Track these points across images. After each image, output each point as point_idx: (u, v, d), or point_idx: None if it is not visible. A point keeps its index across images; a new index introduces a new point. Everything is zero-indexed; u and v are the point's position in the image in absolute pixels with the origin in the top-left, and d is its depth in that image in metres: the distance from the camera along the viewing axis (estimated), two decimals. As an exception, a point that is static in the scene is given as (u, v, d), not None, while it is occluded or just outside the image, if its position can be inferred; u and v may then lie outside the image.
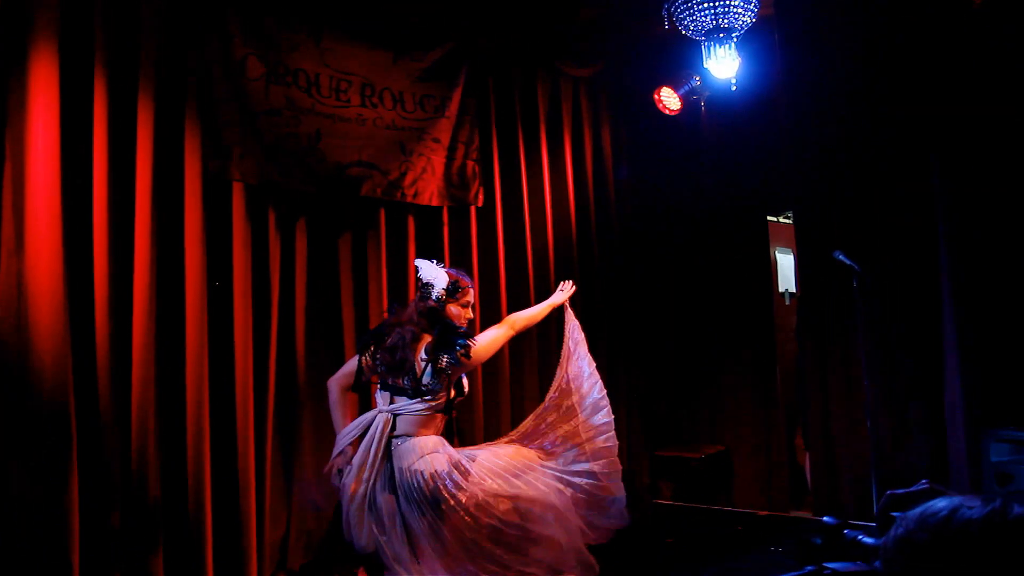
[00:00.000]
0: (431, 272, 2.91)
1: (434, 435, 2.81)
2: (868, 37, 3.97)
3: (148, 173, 3.16)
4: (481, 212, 4.29)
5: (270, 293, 3.53)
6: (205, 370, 3.25)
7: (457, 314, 2.92)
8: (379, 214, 3.89)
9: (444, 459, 2.75)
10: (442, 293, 2.87)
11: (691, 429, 4.93)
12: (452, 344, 2.80)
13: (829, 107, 4.14)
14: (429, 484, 2.68)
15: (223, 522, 3.27)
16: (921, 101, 3.78)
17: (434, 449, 2.76)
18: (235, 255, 3.40)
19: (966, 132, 3.63)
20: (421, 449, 2.75)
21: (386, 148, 3.86)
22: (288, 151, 3.56)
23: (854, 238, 3.94)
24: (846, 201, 4.09)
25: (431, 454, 2.74)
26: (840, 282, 3.89)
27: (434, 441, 2.79)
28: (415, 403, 2.79)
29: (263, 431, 3.45)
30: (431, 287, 2.88)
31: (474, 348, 2.84)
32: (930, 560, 0.92)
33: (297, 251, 3.65)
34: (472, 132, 4.20)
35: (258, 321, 3.47)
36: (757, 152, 4.56)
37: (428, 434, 2.79)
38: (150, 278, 3.13)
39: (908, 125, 3.86)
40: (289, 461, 3.59)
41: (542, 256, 4.55)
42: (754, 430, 4.61)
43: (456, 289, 2.91)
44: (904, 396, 3.85)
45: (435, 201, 4.05)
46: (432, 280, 2.89)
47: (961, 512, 0.93)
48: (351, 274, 3.82)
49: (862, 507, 3.66)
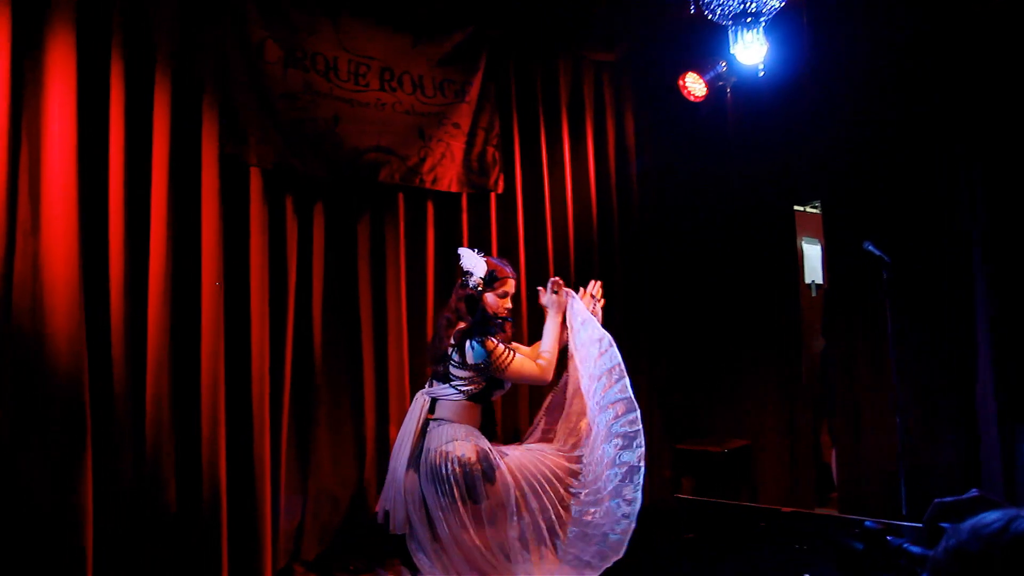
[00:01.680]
0: (471, 261, 2.95)
1: (469, 424, 2.85)
2: (900, 22, 3.89)
3: (165, 157, 3.13)
4: (501, 200, 4.26)
5: (287, 279, 3.51)
6: (221, 356, 3.23)
7: (494, 304, 2.94)
8: (397, 200, 3.86)
9: (470, 448, 2.77)
10: (479, 283, 2.91)
11: (714, 423, 4.84)
12: (476, 332, 2.84)
13: (859, 93, 4.08)
14: (449, 468, 2.72)
15: (238, 511, 3.26)
16: (955, 89, 3.69)
17: (463, 437, 2.79)
18: (252, 240, 3.37)
19: (1003, 121, 3.54)
20: (450, 434, 2.80)
21: (405, 133, 3.82)
22: (305, 135, 3.53)
23: (884, 228, 3.90)
24: (876, 190, 4.03)
25: (458, 440, 2.78)
26: (869, 273, 3.87)
27: (465, 429, 2.82)
28: (445, 388, 2.87)
29: (279, 419, 3.43)
30: (470, 276, 2.93)
31: (495, 345, 2.82)
32: (983, 572, 0.90)
33: (314, 237, 3.62)
34: (492, 118, 4.16)
35: (275, 307, 3.46)
36: (784, 140, 4.47)
37: (463, 422, 2.85)
38: (166, 263, 3.10)
39: (941, 113, 3.78)
40: (305, 450, 3.58)
41: (562, 245, 4.51)
42: (779, 424, 4.52)
43: (493, 279, 2.94)
44: (934, 390, 3.80)
45: (454, 187, 4.01)
46: (471, 269, 2.94)
47: (1016, 523, 0.90)
48: (369, 260, 3.79)
49: (890, 505, 3.59)
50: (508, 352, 2.85)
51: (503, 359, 2.83)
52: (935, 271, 3.81)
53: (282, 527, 3.41)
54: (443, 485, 2.72)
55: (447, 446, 2.77)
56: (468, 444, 2.78)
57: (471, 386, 2.85)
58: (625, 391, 2.76)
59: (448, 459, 2.74)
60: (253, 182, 3.40)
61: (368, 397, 3.72)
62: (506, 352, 2.85)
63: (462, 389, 2.85)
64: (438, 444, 2.79)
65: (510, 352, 2.86)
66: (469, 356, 2.83)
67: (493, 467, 2.76)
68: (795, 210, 4.74)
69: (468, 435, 2.81)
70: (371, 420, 3.72)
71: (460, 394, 2.85)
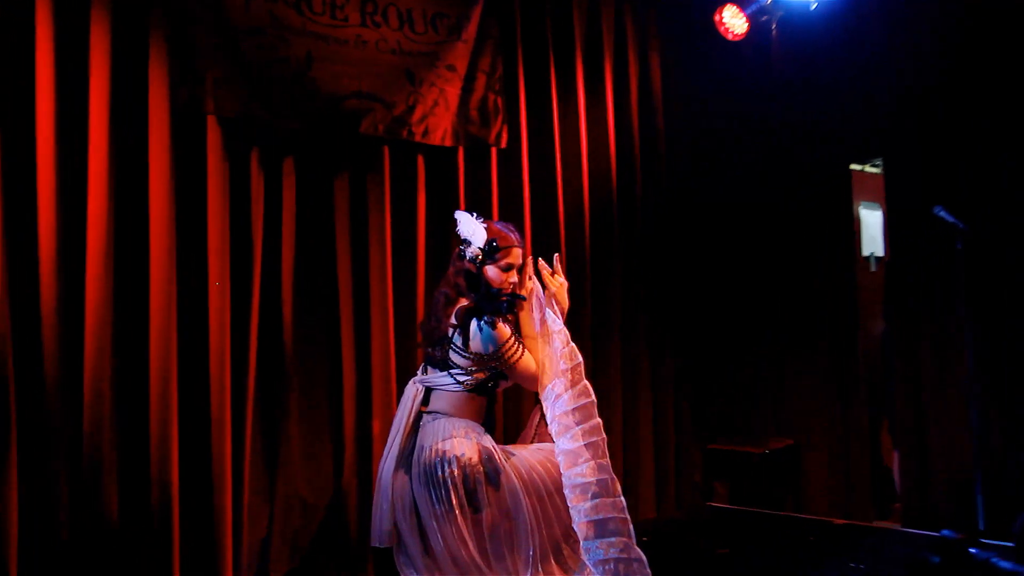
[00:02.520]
0: (469, 227, 2.90)
1: (469, 419, 2.82)
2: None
3: (104, 106, 3.06)
4: (504, 155, 4.17)
5: (252, 248, 3.44)
6: (173, 339, 3.18)
7: (496, 278, 2.89)
8: (382, 155, 3.77)
9: (471, 446, 2.73)
10: (477, 253, 2.87)
11: (752, 419, 4.85)
12: (484, 312, 2.79)
13: (932, 29, 3.99)
14: (446, 469, 2.68)
15: (192, 522, 3.22)
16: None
17: (463, 433, 2.76)
18: (210, 203, 3.31)
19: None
20: (447, 430, 2.77)
21: (390, 76, 3.74)
22: (273, 79, 3.45)
23: (958, 191, 3.85)
24: (949, 147, 3.97)
25: (457, 437, 2.74)
26: (940, 244, 3.83)
27: (465, 425, 2.79)
28: (442, 376, 2.84)
29: (242, 413, 3.38)
30: (468, 245, 2.90)
31: (507, 334, 2.77)
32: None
33: (284, 199, 3.56)
34: (494, 59, 4.08)
35: (237, 282, 3.41)
36: (840, 86, 4.44)
37: (462, 416, 2.82)
38: (107, 232, 3.05)
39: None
40: (273, 449, 3.51)
41: (576, 210, 4.43)
42: (830, 422, 4.51)
43: (495, 249, 2.88)
44: (1017, 383, 3.75)
45: (448, 141, 3.94)
46: (469, 237, 2.90)
47: None
48: (348, 227, 3.72)
49: (963, 517, 3.54)
50: (518, 346, 2.81)
51: (512, 352, 2.79)
52: (1020, 242, 3.76)
53: (245, 540, 3.37)
54: (438, 490, 2.68)
55: (444, 444, 2.73)
56: (469, 442, 2.74)
57: (473, 376, 2.81)
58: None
59: (445, 459, 2.70)
60: (211, 134, 3.33)
61: (347, 386, 3.67)
62: (516, 345, 2.80)
63: (461, 379, 2.82)
64: (433, 441, 2.75)
65: (519, 346, 2.82)
66: (475, 341, 2.79)
67: (498, 469, 2.72)
68: (852, 169, 4.68)
69: (469, 431, 2.77)
70: (351, 413, 3.66)
71: (459, 384, 2.82)
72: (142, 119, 3.17)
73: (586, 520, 2.69)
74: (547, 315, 2.85)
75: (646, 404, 4.59)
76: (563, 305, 2.93)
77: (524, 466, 2.77)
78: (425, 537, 2.72)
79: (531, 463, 2.79)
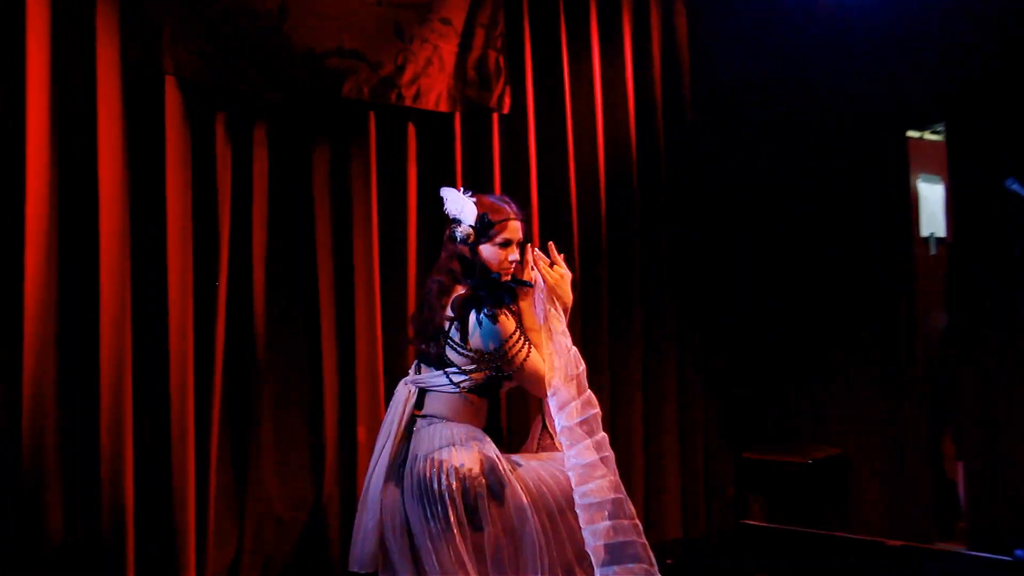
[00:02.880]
0: (457, 203, 2.87)
1: (469, 424, 2.80)
2: None
3: (43, 64, 2.99)
4: (507, 123, 4.10)
5: (218, 229, 3.40)
6: (127, 333, 3.14)
7: (493, 258, 2.86)
8: (367, 122, 3.71)
9: (472, 456, 2.70)
10: (469, 233, 2.83)
11: (792, 424, 4.85)
12: (485, 302, 2.76)
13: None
14: (443, 482, 2.66)
15: (149, 542, 3.17)
16: None
17: (462, 440, 2.74)
18: (168, 176, 3.24)
19: None
20: (445, 437, 2.74)
21: (376, 32, 3.67)
22: (241, 35, 3.38)
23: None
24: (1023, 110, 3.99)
25: (456, 446, 2.72)
26: (1012, 223, 3.84)
27: (466, 431, 2.77)
28: (438, 376, 2.82)
29: (207, 418, 3.34)
30: (457, 224, 2.86)
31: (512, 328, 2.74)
32: None
33: (255, 172, 3.51)
34: (495, 11, 3.97)
35: (201, 268, 3.38)
36: (896, 40, 4.38)
37: (461, 421, 2.79)
38: (48, 209, 3.01)
39: None
40: (242, 459, 3.49)
41: (590, 186, 4.38)
42: (882, 428, 4.48)
43: (488, 225, 2.84)
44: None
45: (443, 106, 3.85)
46: (458, 215, 2.86)
47: None
48: (329, 204, 3.68)
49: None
50: (524, 343, 2.76)
51: (517, 350, 2.74)
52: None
53: (210, 562, 3.33)
54: (434, 505, 2.65)
55: (441, 453, 2.70)
56: (469, 450, 2.71)
57: (474, 375, 2.78)
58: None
59: (442, 470, 2.67)
60: (170, 98, 3.26)
61: (329, 387, 3.63)
62: (522, 342, 2.76)
63: (459, 379, 2.77)
64: (429, 450, 2.72)
65: (526, 343, 2.77)
66: (474, 336, 2.75)
67: (503, 482, 2.70)
68: (909, 137, 4.68)
69: (469, 438, 2.75)
70: (332, 418, 3.63)
71: (457, 385, 2.79)
72: (89, 80, 3.11)
73: (602, 543, 2.65)
74: (550, 314, 2.82)
75: (671, 406, 4.54)
76: (565, 300, 2.87)
77: (532, 478, 2.75)
78: (418, 560, 2.68)
79: (540, 475, 2.77)
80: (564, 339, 2.78)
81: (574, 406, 2.73)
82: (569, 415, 2.72)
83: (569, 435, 2.71)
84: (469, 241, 2.84)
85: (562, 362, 2.78)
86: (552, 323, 2.81)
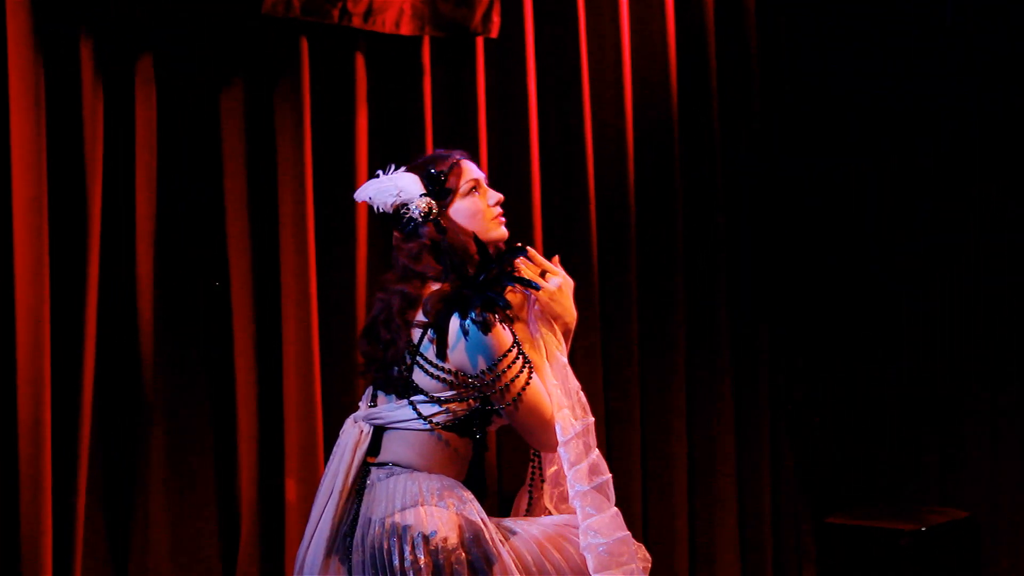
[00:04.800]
0: (389, 188, 2.86)
1: (444, 474, 2.75)
2: None
3: None
4: (496, 51, 3.91)
5: (85, 201, 3.24)
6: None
7: (475, 213, 2.89)
8: (299, 51, 3.56)
9: (448, 520, 2.64)
10: (427, 206, 2.82)
11: (897, 480, 4.77)
12: (473, 303, 2.71)
13: None
14: (407, 556, 2.63)
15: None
16: None
17: (434, 499, 2.69)
18: (13, 130, 3.10)
19: None
20: (410, 494, 2.70)
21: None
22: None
23: None
24: None
25: (426, 506, 2.67)
26: None
27: (439, 485, 2.72)
28: (402, 408, 2.76)
29: (71, 466, 3.20)
30: (406, 208, 2.85)
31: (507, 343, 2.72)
32: None
33: (139, 124, 3.32)
34: None
35: (61, 257, 3.21)
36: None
37: (433, 470, 2.75)
38: None
39: None
40: (122, 528, 3.40)
41: (613, 145, 4.15)
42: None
43: (440, 178, 2.85)
44: None
45: (406, 27, 3.65)
46: (400, 198, 2.84)
47: None
48: (245, 169, 3.52)
49: None
50: (524, 365, 2.69)
51: (515, 374, 2.68)
52: None
53: None
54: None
55: (404, 516, 2.66)
56: (444, 512, 2.67)
57: (452, 406, 2.72)
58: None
59: (405, 540, 2.65)
60: (13, 21, 3.13)
61: (244, 425, 3.47)
62: (520, 362, 2.69)
63: (430, 414, 2.71)
64: (387, 511, 2.67)
65: (526, 365, 2.69)
66: (456, 351, 2.69)
67: (490, 557, 2.67)
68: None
69: (444, 495, 2.70)
70: (249, 468, 3.49)
71: (428, 420, 2.73)
72: None
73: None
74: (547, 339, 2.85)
75: (727, 452, 4.48)
76: (566, 319, 2.85)
77: (531, 551, 2.72)
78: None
79: (542, 546, 2.75)
80: (567, 371, 2.75)
81: (584, 467, 2.75)
82: (580, 478, 2.74)
83: (580, 500, 2.69)
84: (434, 213, 2.82)
85: (569, 402, 2.77)
86: (550, 350, 2.79)
